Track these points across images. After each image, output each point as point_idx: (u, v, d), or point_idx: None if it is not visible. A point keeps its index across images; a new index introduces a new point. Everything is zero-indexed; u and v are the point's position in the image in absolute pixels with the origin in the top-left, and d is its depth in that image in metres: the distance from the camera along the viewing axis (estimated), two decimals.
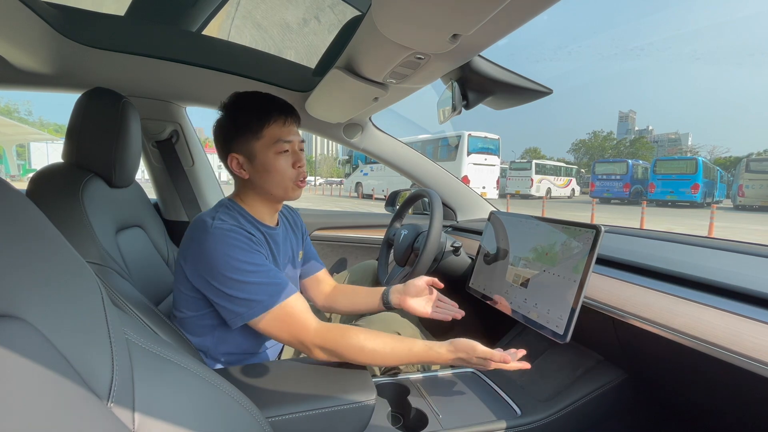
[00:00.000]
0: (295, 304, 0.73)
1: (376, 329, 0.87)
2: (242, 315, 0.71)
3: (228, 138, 0.81)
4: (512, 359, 0.71)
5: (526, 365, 0.73)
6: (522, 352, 0.74)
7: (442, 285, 0.97)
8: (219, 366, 0.82)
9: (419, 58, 0.76)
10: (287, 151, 0.80)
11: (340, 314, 1.17)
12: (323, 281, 1.07)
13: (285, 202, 0.93)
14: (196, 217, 0.79)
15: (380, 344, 0.72)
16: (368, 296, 1.01)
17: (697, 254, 0.81)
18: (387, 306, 0.96)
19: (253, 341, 0.86)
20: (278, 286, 0.73)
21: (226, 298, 0.71)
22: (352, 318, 1.15)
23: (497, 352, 0.71)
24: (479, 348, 0.71)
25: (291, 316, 0.72)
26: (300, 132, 0.86)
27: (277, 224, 0.91)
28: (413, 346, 0.73)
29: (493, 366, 0.72)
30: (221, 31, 1.22)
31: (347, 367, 0.74)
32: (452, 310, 0.94)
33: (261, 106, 0.79)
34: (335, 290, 1.07)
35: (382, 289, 1.01)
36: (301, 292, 0.94)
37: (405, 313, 1.01)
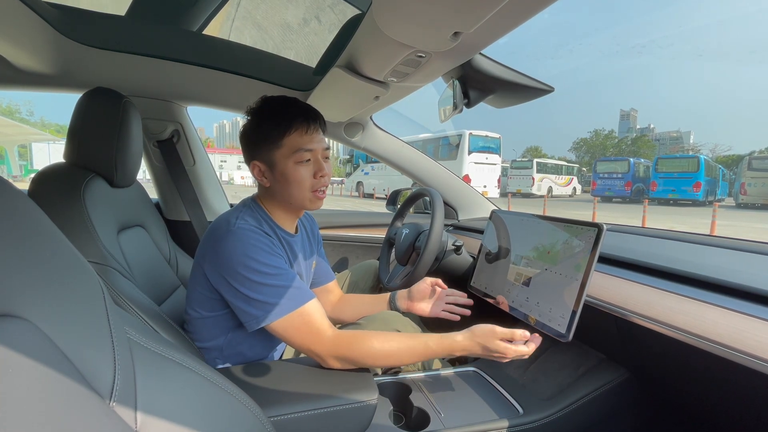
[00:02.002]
0: (312, 311, 0.72)
1: (377, 328, 0.87)
2: (258, 318, 0.70)
3: (251, 145, 0.80)
4: (527, 348, 0.71)
5: (537, 339, 0.72)
6: (532, 336, 0.73)
7: (446, 286, 0.98)
8: (224, 365, 0.82)
9: (420, 57, 0.76)
10: (308, 160, 0.78)
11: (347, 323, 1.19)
12: (332, 292, 1.07)
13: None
14: (218, 217, 0.80)
15: (395, 345, 0.71)
16: (374, 304, 1.02)
17: (699, 252, 0.80)
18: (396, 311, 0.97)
19: (266, 344, 0.86)
20: (297, 291, 0.72)
21: (244, 299, 0.71)
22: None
23: (518, 331, 0.70)
24: (498, 329, 0.71)
25: (307, 323, 0.71)
26: (325, 139, 0.84)
27: (296, 231, 0.90)
28: (428, 340, 0.73)
29: (512, 355, 0.70)
30: (222, 30, 1.22)
31: None
32: (460, 307, 0.95)
33: (283, 113, 0.78)
34: (341, 300, 1.07)
35: (387, 296, 1.02)
36: None
37: (406, 312, 1.01)
